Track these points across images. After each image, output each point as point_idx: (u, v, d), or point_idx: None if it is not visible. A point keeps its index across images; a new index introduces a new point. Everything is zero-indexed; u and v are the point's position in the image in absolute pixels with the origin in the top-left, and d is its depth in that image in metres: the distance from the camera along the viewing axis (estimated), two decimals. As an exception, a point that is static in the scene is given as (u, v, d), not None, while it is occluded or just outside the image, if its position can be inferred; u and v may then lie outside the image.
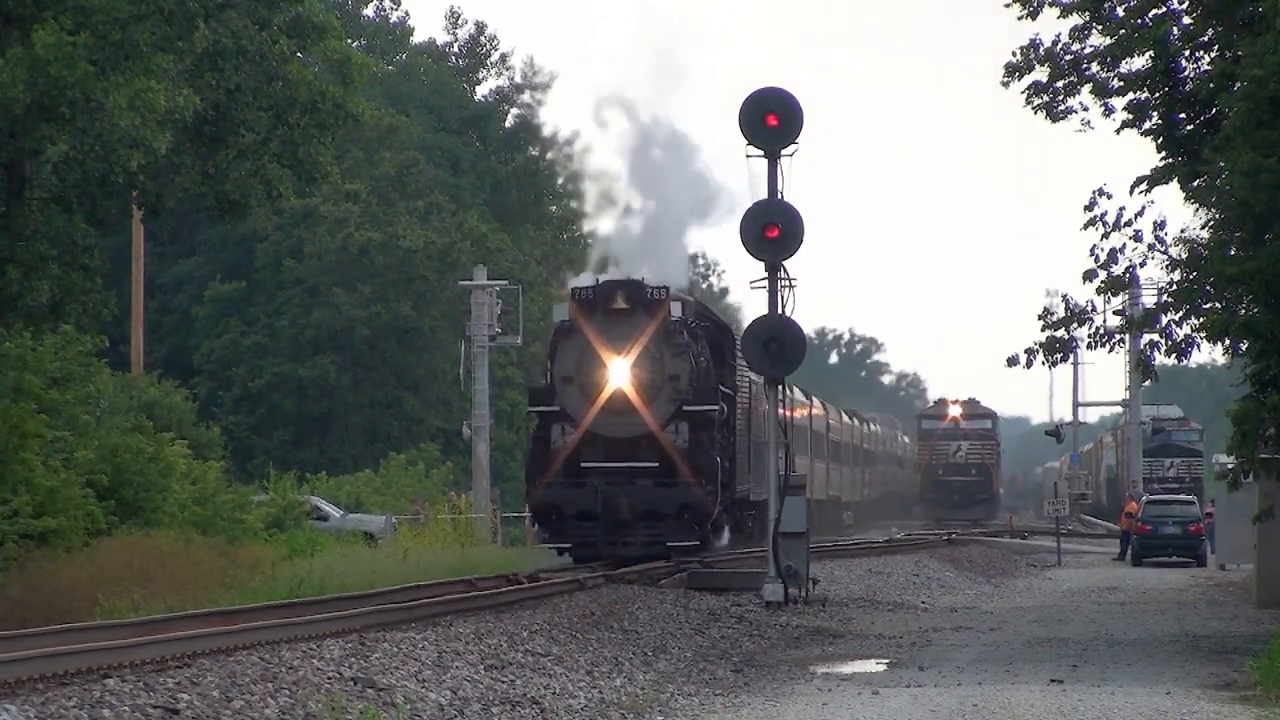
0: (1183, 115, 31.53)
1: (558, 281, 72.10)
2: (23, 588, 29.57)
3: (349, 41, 49.16)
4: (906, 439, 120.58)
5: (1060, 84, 32.25)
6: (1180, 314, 29.48)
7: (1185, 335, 29.45)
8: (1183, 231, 29.98)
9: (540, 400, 39.48)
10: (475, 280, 61.90)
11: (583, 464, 38.32)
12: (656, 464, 38.17)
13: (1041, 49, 32.18)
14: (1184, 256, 29.20)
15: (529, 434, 40.71)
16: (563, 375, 38.62)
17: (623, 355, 38.26)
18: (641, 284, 38.89)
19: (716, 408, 38.96)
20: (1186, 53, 31.26)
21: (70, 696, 14.85)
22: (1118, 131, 32.02)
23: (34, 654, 17.25)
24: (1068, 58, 32.06)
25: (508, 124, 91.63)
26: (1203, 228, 29.56)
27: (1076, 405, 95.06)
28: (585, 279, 40.59)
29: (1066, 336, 31.19)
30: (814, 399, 77.52)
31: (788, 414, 45.85)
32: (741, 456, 42.53)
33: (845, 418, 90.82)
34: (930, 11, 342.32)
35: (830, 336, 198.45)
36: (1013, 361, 31.50)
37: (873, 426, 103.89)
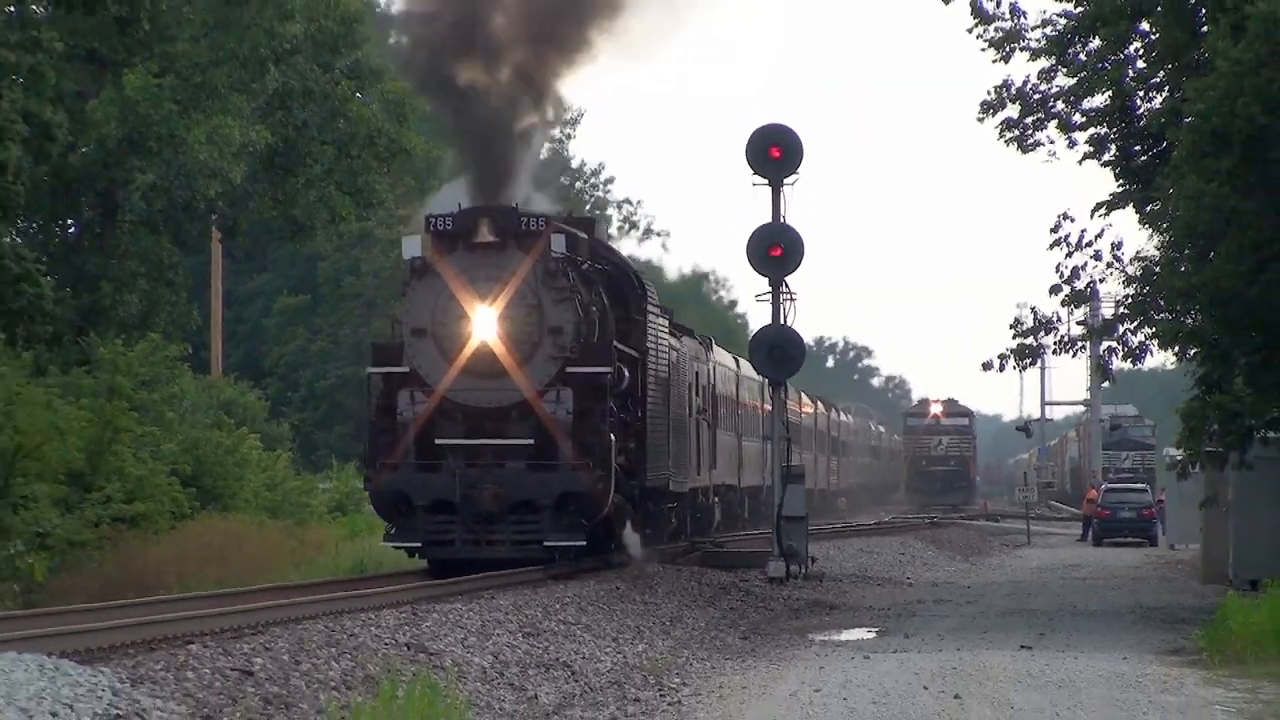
0: (1137, 148, 31.51)
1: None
2: (116, 565, 29.71)
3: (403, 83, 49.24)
4: (883, 429, 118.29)
5: (1029, 120, 32.21)
6: (1135, 324, 29.53)
7: (1139, 342, 29.55)
8: (1139, 252, 30.03)
9: (385, 360, 28.13)
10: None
11: (438, 440, 27.46)
12: (531, 441, 27.30)
13: (1013, 89, 32.14)
14: (1138, 273, 29.22)
15: (368, 402, 28.76)
16: (413, 327, 27.52)
17: (489, 302, 27.21)
18: (514, 211, 27.70)
19: (609, 370, 28.01)
20: (1141, 92, 31.25)
21: (158, 660, 14.88)
22: (1080, 162, 32.00)
23: (125, 623, 17.30)
24: (1036, 96, 32.02)
25: (542, 157, 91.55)
26: (1156, 248, 29.59)
27: (1044, 404, 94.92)
28: (446, 203, 28.81)
29: (1035, 344, 31.20)
30: None
31: (714, 382, 40.97)
32: (656, 436, 31.52)
33: (806, 400, 76.48)
34: (916, 40, 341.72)
35: (827, 344, 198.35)
36: (988, 366, 31.52)
37: (844, 415, 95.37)
